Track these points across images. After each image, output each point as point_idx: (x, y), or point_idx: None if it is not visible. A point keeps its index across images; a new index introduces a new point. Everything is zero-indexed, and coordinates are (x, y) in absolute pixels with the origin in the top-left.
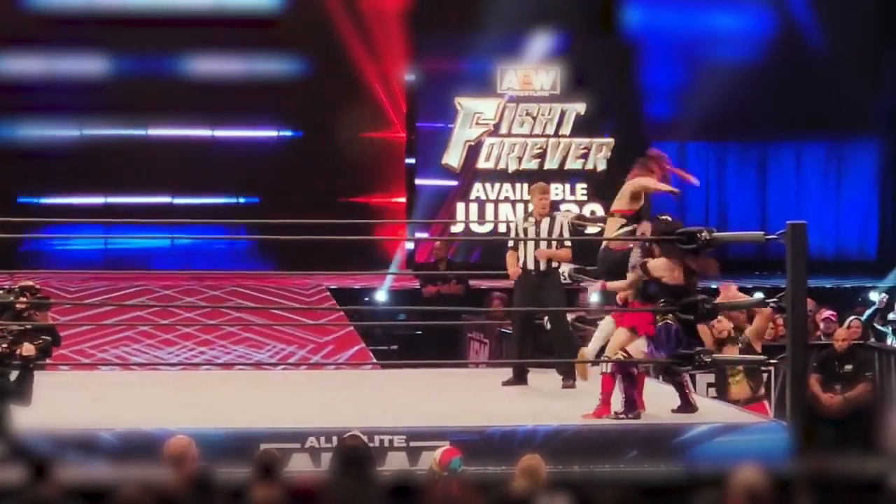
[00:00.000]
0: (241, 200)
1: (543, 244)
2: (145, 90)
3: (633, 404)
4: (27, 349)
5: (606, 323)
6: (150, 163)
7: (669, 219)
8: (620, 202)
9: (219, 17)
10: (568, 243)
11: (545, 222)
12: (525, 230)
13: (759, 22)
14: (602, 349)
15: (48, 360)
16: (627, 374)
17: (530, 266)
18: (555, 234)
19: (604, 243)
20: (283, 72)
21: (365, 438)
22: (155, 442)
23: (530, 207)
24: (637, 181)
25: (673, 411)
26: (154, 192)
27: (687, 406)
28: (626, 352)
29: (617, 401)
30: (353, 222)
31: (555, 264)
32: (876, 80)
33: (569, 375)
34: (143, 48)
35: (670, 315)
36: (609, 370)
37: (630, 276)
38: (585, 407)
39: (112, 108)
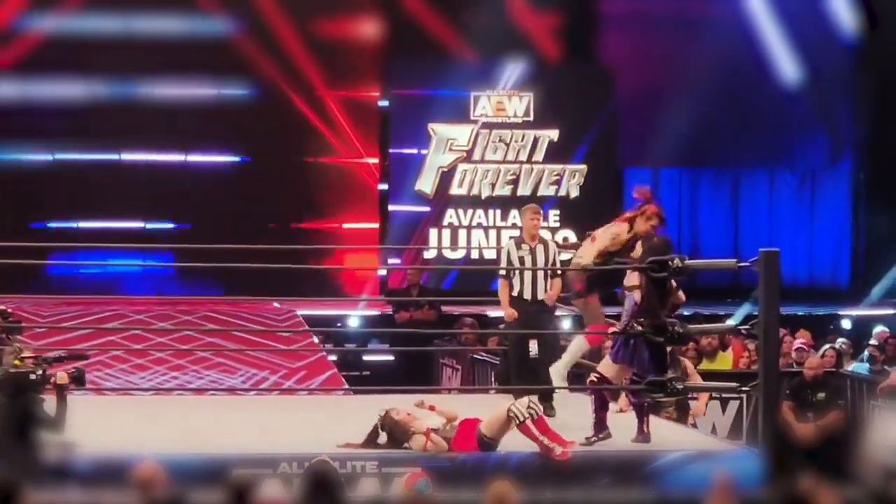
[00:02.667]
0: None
1: (546, 286)
2: (117, 115)
3: (602, 425)
4: (61, 377)
5: (578, 340)
6: (123, 187)
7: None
8: (602, 241)
9: (188, 41)
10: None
11: (540, 251)
12: (521, 259)
13: (733, 49)
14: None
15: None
16: (599, 395)
17: (526, 295)
18: (550, 263)
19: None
20: (244, 97)
21: (337, 464)
22: (127, 467)
23: (515, 232)
24: (611, 231)
25: (632, 441)
26: (126, 217)
27: (640, 433)
28: (598, 373)
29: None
30: (325, 247)
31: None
32: (850, 108)
33: (548, 405)
34: (115, 72)
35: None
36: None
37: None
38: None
39: (85, 132)
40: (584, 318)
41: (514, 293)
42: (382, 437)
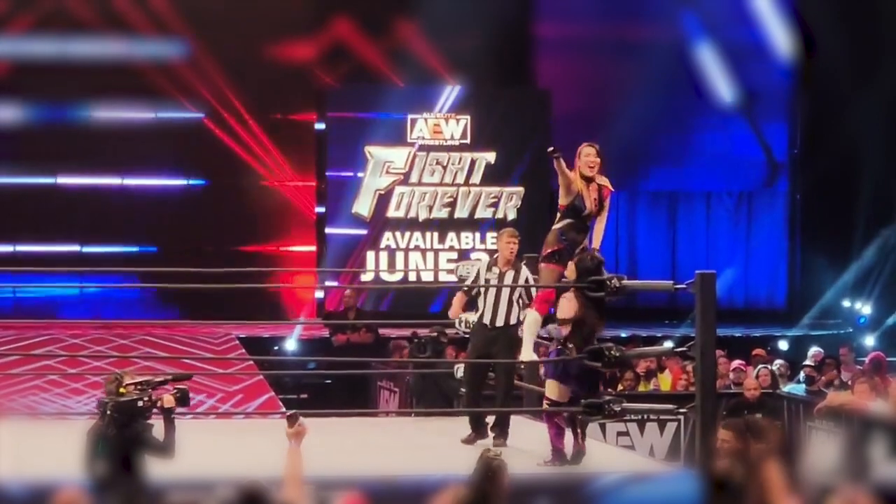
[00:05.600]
0: (144, 249)
1: (509, 314)
2: (54, 138)
3: (559, 453)
4: (168, 401)
5: (530, 315)
6: (59, 211)
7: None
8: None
9: (126, 65)
10: (534, 292)
11: (509, 275)
12: (487, 281)
13: (670, 72)
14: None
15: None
16: (554, 423)
17: (485, 320)
18: (517, 291)
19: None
20: (182, 121)
21: (274, 487)
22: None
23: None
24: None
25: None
26: (63, 240)
27: (575, 444)
28: (549, 399)
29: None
30: (262, 270)
31: (513, 321)
32: (785, 130)
33: (501, 433)
34: (52, 96)
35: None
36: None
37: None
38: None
39: (21, 155)
40: (539, 280)
41: (476, 316)
42: None
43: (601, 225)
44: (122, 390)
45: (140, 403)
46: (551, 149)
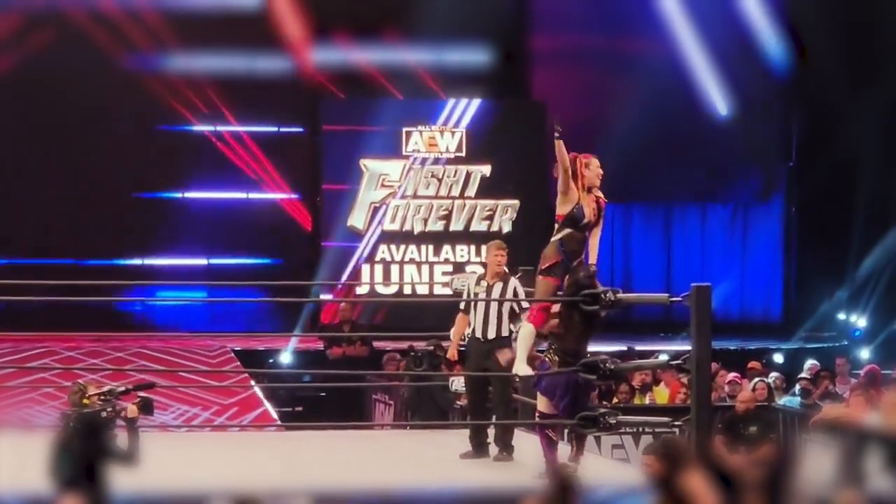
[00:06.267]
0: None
1: (500, 326)
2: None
3: (553, 465)
4: (131, 410)
5: (524, 328)
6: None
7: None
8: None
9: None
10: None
11: (497, 287)
12: (476, 296)
13: (665, 84)
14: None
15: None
16: (545, 435)
17: (477, 334)
18: (507, 302)
19: None
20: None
21: (270, 501)
22: None
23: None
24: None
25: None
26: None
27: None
28: (540, 412)
29: None
30: (259, 283)
31: (505, 332)
32: (780, 141)
33: (505, 447)
34: None
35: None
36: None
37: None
38: (497, 474)
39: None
40: (536, 292)
41: (469, 331)
42: None
43: (595, 239)
44: (85, 401)
45: (104, 414)
46: (558, 128)
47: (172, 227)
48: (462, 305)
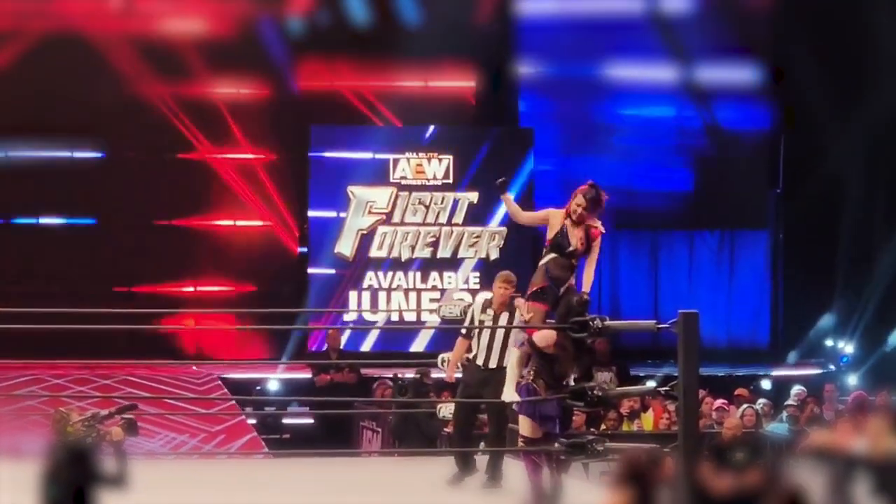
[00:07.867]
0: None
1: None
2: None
3: (538, 489)
4: (116, 433)
5: (513, 354)
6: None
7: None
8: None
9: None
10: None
11: (504, 317)
12: (481, 322)
13: (654, 113)
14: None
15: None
16: (529, 460)
17: (479, 361)
18: (511, 332)
19: None
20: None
21: None
22: None
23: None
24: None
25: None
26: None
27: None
28: (523, 437)
29: None
30: (244, 311)
31: (506, 363)
32: (768, 168)
33: (495, 475)
34: None
35: (533, 375)
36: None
37: (516, 352)
38: (485, 502)
39: None
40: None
41: (471, 356)
42: None
43: (591, 269)
44: (69, 429)
45: (89, 440)
46: (501, 179)
47: (161, 254)
48: (463, 330)
